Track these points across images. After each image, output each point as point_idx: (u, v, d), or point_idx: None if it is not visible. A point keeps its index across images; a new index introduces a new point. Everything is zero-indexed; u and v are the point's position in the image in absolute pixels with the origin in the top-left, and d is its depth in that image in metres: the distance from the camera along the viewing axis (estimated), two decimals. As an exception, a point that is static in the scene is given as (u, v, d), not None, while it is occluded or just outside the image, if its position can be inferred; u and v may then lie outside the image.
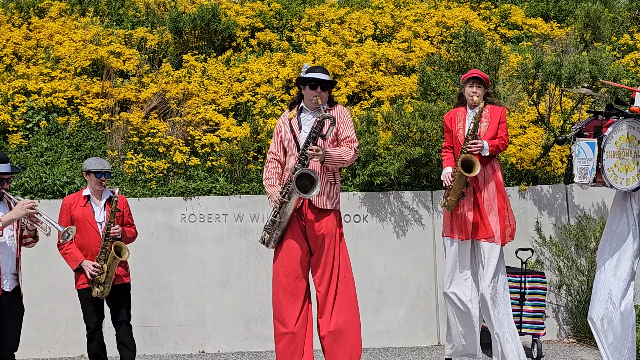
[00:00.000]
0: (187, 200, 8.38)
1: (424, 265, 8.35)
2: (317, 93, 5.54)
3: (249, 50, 10.55)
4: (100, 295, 6.14)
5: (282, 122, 5.74)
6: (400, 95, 9.50)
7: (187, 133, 9.07)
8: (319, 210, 5.58)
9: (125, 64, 9.93)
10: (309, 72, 5.61)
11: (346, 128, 5.63)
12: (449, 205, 6.21)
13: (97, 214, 6.19)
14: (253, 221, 8.34)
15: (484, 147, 6.08)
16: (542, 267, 8.37)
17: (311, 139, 5.45)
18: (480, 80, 6.21)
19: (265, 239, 5.67)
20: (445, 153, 6.41)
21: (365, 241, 8.35)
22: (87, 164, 6.22)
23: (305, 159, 5.46)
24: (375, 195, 8.45)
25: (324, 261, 5.60)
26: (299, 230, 5.62)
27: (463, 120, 6.27)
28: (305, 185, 5.39)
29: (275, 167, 5.74)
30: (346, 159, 5.54)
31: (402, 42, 10.56)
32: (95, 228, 6.14)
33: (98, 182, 6.20)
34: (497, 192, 6.20)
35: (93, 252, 6.14)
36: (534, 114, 9.15)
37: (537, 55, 8.43)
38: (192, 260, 8.29)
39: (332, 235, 5.61)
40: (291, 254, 5.59)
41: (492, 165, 6.24)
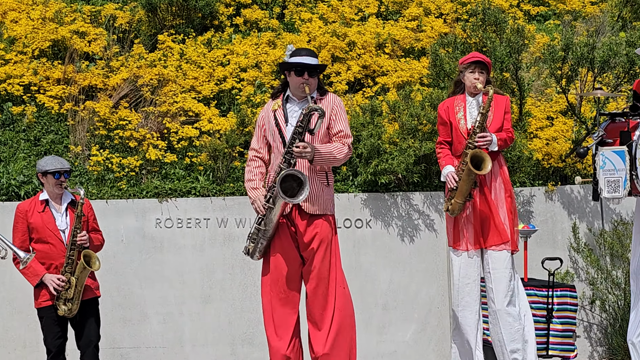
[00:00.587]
0: (163, 202, 8.33)
1: (436, 278, 8.31)
2: (304, 80, 5.48)
3: (234, 30, 10.50)
4: (68, 314, 6.07)
5: (265, 114, 5.69)
6: (409, 82, 9.48)
7: (163, 125, 9.02)
8: (311, 215, 5.57)
9: (91, 45, 9.87)
10: (293, 56, 5.55)
11: (339, 121, 5.59)
12: (453, 209, 6.17)
13: (58, 221, 6.13)
14: (239, 227, 8.29)
15: (493, 141, 6.07)
16: (572, 280, 8.34)
17: (297, 135, 5.40)
18: (483, 65, 6.20)
19: (250, 250, 5.67)
20: (441, 150, 6.37)
21: (368, 250, 8.32)
22: (43, 163, 6.17)
23: (291, 158, 5.41)
24: (380, 197, 8.40)
25: (319, 272, 5.60)
26: (289, 237, 5.60)
27: (464, 110, 6.24)
28: (291, 187, 5.34)
29: (258, 167, 5.71)
30: (338, 157, 5.50)
31: (411, 21, 10.52)
32: (58, 236, 6.09)
33: (57, 184, 6.13)
34: (505, 191, 6.22)
35: (56, 264, 6.08)
36: (562, 103, 9.13)
37: (567, 35, 8.42)
38: (169, 271, 8.23)
39: (327, 241, 5.61)
40: (281, 265, 5.59)
41: (499, 161, 6.26)
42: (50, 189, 6.15)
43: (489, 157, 5.96)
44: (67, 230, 6.09)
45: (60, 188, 6.15)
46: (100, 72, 9.44)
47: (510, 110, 6.28)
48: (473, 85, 6.15)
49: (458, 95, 6.33)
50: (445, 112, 6.29)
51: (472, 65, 6.18)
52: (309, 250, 5.59)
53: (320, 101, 5.57)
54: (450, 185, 6.14)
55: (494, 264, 6.12)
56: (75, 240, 6.02)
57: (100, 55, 9.85)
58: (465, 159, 6.02)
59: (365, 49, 9.88)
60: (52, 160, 6.17)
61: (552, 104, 9.31)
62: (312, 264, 5.60)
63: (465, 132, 6.15)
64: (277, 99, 5.67)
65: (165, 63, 9.72)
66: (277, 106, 5.61)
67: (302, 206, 5.51)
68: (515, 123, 8.74)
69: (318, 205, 5.55)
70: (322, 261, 5.59)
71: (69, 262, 6.03)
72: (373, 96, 9.35)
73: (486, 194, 6.13)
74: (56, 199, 6.19)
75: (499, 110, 6.18)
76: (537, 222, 8.36)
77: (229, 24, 10.61)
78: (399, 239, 8.36)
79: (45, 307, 6.12)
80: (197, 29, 10.46)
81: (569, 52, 8.30)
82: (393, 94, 9.19)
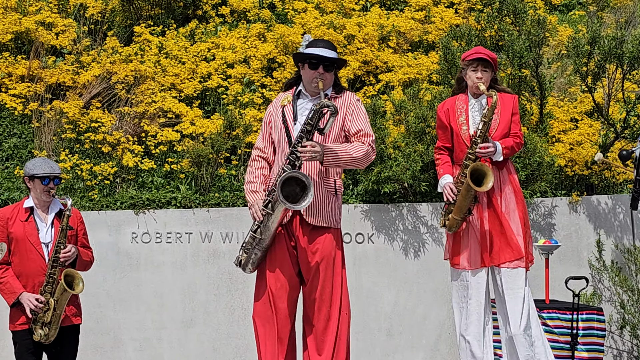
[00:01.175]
0: (140, 214, 8.37)
1: (447, 299, 8.35)
2: (318, 74, 5.49)
3: (220, 21, 10.57)
4: (45, 340, 5.99)
5: (273, 109, 5.68)
6: (416, 79, 9.53)
7: (140, 128, 9.08)
8: (313, 228, 5.52)
9: (59, 38, 9.93)
10: (309, 47, 5.55)
11: (356, 120, 5.57)
12: (450, 226, 6.11)
13: (42, 232, 6.05)
14: (225, 242, 8.34)
15: (497, 150, 6.05)
16: (599, 302, 8.39)
17: (305, 133, 5.37)
18: (487, 62, 6.13)
19: (242, 260, 5.58)
20: (440, 156, 6.29)
21: (370, 268, 8.36)
22: (31, 166, 6.10)
23: (296, 159, 5.37)
24: (383, 208, 8.46)
25: (321, 294, 5.55)
26: (287, 252, 5.54)
27: (466, 113, 6.17)
28: (294, 192, 5.31)
29: (260, 168, 5.67)
30: (356, 156, 5.44)
31: (418, 11, 10.60)
32: (40, 251, 6.00)
33: (45, 190, 6.05)
34: (516, 200, 6.17)
35: (35, 282, 6.00)
36: (588, 103, 9.18)
37: (593, 27, 8.45)
38: (146, 292, 8.28)
39: (330, 259, 5.55)
40: (276, 283, 5.56)
41: (508, 167, 6.20)
42: (37, 195, 6.07)
43: (491, 171, 5.91)
44: (51, 245, 6.01)
45: (48, 195, 6.07)
46: (69, 68, 9.49)
47: (518, 111, 6.22)
48: (475, 85, 6.11)
49: (460, 95, 6.29)
50: (445, 115, 6.25)
51: (475, 62, 6.12)
52: (309, 268, 5.54)
53: (335, 100, 5.55)
54: (447, 198, 6.12)
55: (508, 283, 6.08)
56: (57, 257, 5.92)
57: (69, 49, 9.90)
58: (464, 172, 5.98)
59: (366, 43, 9.93)
60: (41, 164, 6.10)
61: (576, 104, 9.34)
62: (313, 285, 5.56)
63: (467, 138, 6.11)
64: (288, 94, 5.67)
65: (142, 58, 9.78)
66: (286, 101, 5.61)
67: (304, 216, 5.46)
68: (536, 125, 8.80)
69: (322, 216, 5.50)
70: (324, 282, 5.55)
71: (49, 281, 5.93)
72: (376, 95, 9.39)
73: (494, 205, 6.08)
74: (43, 207, 6.12)
75: (506, 112, 6.14)
76: (559, 237, 8.41)
77: (214, 14, 10.68)
78: (404, 255, 8.41)
79: (21, 331, 6.05)
80: (178, 19, 10.52)
81: (596, 46, 8.33)
82: (398, 93, 9.23)
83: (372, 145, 5.54)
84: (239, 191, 8.59)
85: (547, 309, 7.41)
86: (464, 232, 6.16)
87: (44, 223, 6.09)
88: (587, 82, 8.54)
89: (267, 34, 10.08)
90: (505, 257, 6.07)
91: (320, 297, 5.55)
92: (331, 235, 5.56)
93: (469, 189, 5.92)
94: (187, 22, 10.50)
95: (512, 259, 6.07)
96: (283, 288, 5.54)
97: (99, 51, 9.86)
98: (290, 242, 5.55)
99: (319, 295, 5.55)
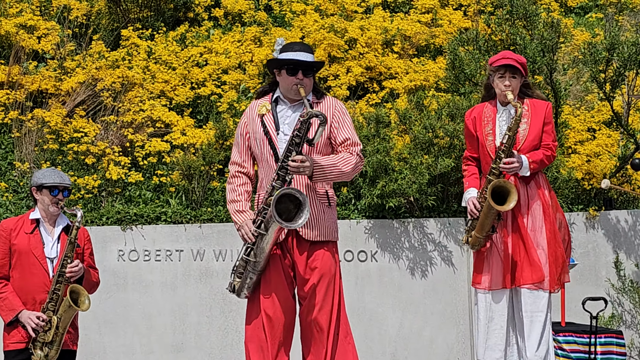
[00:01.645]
0: (127, 230, 8.39)
1: (455, 322, 8.36)
2: (298, 80, 5.47)
3: (212, 24, 10.61)
4: None
5: (249, 119, 5.65)
6: (422, 87, 9.56)
7: (126, 138, 9.10)
8: (311, 243, 5.50)
9: (41, 42, 9.96)
10: (285, 51, 5.53)
11: (342, 128, 5.55)
12: (473, 244, 6.13)
13: (48, 247, 5.99)
14: (218, 260, 8.35)
15: (523, 165, 6.04)
16: (619, 325, 8.40)
17: (294, 146, 5.35)
18: (515, 69, 6.11)
19: (236, 286, 5.55)
20: (467, 167, 6.29)
21: (373, 288, 8.37)
22: (40, 176, 6.08)
23: (287, 174, 5.36)
24: (388, 224, 8.48)
25: (319, 313, 5.51)
26: (282, 272, 5.52)
27: (493, 123, 6.14)
28: (287, 210, 5.30)
29: (242, 184, 5.65)
30: (345, 170, 5.45)
31: (425, 13, 10.65)
32: (44, 266, 5.94)
33: (54, 202, 6.00)
34: (544, 216, 6.15)
35: (36, 299, 5.92)
36: (606, 112, 9.21)
37: (611, 31, 8.47)
38: (134, 314, 8.29)
39: (329, 276, 5.52)
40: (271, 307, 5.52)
41: (537, 180, 6.16)
42: (45, 207, 6.03)
43: (515, 189, 5.88)
44: (56, 260, 5.95)
45: (57, 207, 6.02)
46: (51, 74, 9.52)
47: (552, 120, 6.15)
48: (503, 94, 6.05)
49: (489, 102, 6.25)
50: (472, 123, 6.24)
51: (502, 69, 6.08)
52: (307, 287, 5.51)
53: (317, 105, 5.53)
54: (470, 214, 6.12)
55: (527, 305, 6.07)
56: (63, 272, 5.85)
57: (52, 54, 9.93)
58: (485, 188, 5.96)
59: (369, 47, 9.97)
60: (51, 174, 6.07)
61: (593, 113, 9.37)
62: (311, 304, 5.52)
63: (492, 150, 6.07)
64: (264, 101, 5.63)
65: (130, 63, 9.81)
66: (265, 110, 5.57)
67: (299, 232, 5.44)
68: (550, 136, 8.83)
69: (318, 230, 5.48)
70: (324, 300, 5.52)
71: (53, 298, 5.86)
72: (379, 103, 9.42)
73: (519, 223, 6.05)
74: (50, 220, 6.06)
75: (537, 120, 6.08)
76: (576, 255, 8.41)
77: (206, 16, 10.72)
78: (410, 274, 8.43)
79: (14, 350, 5.96)
80: (168, 22, 10.56)
81: (614, 51, 8.36)
82: (403, 101, 9.25)
83: (360, 155, 5.54)
84: (233, 206, 8.60)
85: (563, 331, 7.42)
86: (487, 251, 6.14)
87: (50, 237, 6.02)
88: (605, 89, 8.55)
89: (263, 38, 10.12)
90: (525, 279, 6.06)
91: (319, 318, 5.53)
92: (330, 251, 5.55)
93: (490, 208, 5.89)
94: (178, 25, 10.54)
95: (532, 280, 6.02)
96: (279, 311, 5.52)
97: (83, 56, 9.89)
98: (285, 260, 5.54)
99: (318, 315, 5.52)
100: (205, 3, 10.73)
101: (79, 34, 10.37)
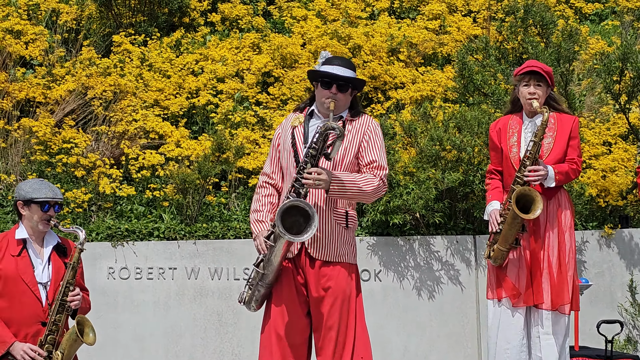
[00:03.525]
0: (118, 247, 8.39)
1: (463, 345, 8.36)
2: (331, 94, 5.60)
3: (209, 30, 10.63)
4: None
5: (282, 131, 5.79)
6: (429, 97, 9.57)
7: (119, 149, 9.10)
8: (324, 262, 5.57)
9: (29, 47, 9.98)
10: (325, 65, 5.69)
11: (372, 149, 5.65)
12: (495, 257, 6.20)
13: (38, 270, 5.58)
14: (213, 278, 8.34)
15: (549, 175, 6.12)
16: (635, 349, 8.39)
17: (309, 158, 5.44)
18: (541, 76, 6.19)
19: (246, 297, 5.64)
20: (491, 180, 6.41)
21: (377, 308, 8.37)
22: (28, 189, 5.64)
23: (301, 187, 5.44)
24: (392, 242, 8.49)
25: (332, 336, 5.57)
26: (294, 289, 5.58)
27: (518, 135, 6.25)
28: (297, 223, 5.36)
29: (267, 195, 5.76)
30: (366, 190, 5.53)
31: (432, 20, 10.67)
32: (36, 293, 5.52)
33: (44, 218, 5.58)
34: (558, 238, 6.22)
35: (28, 332, 5.50)
36: (622, 125, 9.22)
37: (627, 40, 8.48)
38: (125, 335, 8.28)
39: (344, 298, 5.57)
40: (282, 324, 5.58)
41: (558, 199, 6.26)
42: (33, 224, 5.60)
43: (540, 197, 5.95)
44: (49, 285, 5.57)
45: (47, 225, 5.60)
46: (39, 82, 9.53)
47: (578, 134, 6.22)
48: (528, 102, 6.15)
49: (514, 114, 6.33)
50: (497, 135, 6.32)
51: (527, 76, 6.18)
52: (320, 308, 5.57)
53: (351, 123, 5.66)
54: (492, 227, 6.18)
55: (546, 327, 6.13)
56: (65, 300, 5.50)
57: (40, 61, 9.95)
58: (510, 197, 6.02)
59: (374, 55, 9.99)
60: (41, 186, 5.65)
61: (609, 125, 9.38)
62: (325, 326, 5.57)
63: (516, 162, 6.15)
64: (299, 114, 5.78)
65: (122, 71, 9.83)
66: (297, 122, 5.72)
67: (308, 249, 5.52)
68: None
69: (328, 250, 5.55)
70: (339, 324, 5.57)
71: (53, 330, 5.48)
72: (384, 114, 9.43)
73: (540, 238, 6.14)
74: (38, 239, 5.66)
75: (563, 134, 6.15)
76: (590, 275, 8.43)
77: (202, 22, 10.75)
78: (415, 295, 8.43)
79: None
80: (162, 28, 10.59)
81: (628, 61, 8.37)
82: (409, 112, 9.26)
83: (384, 180, 5.61)
84: (229, 221, 8.61)
85: (577, 356, 7.41)
86: (505, 265, 6.19)
87: (39, 259, 5.62)
88: (620, 101, 8.57)
89: (262, 45, 10.14)
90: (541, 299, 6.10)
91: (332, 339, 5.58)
92: (345, 271, 5.60)
93: (514, 217, 5.96)
94: (173, 31, 10.57)
95: (549, 304, 6.10)
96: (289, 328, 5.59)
97: (73, 63, 9.92)
98: (298, 277, 5.60)
99: (330, 336, 5.58)
100: (201, 8, 10.76)
101: (69, 40, 10.39)
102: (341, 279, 5.56)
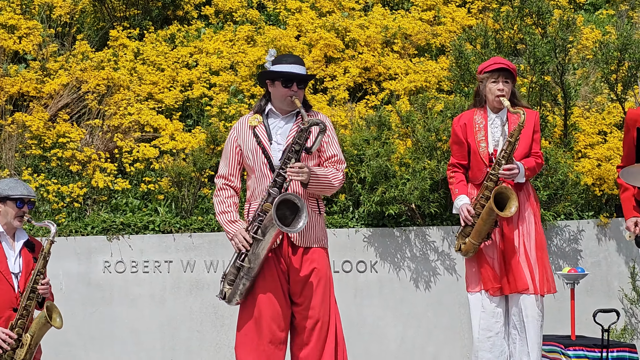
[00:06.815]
0: (113, 240, 8.39)
1: (460, 336, 8.36)
2: (292, 92, 5.86)
3: (203, 24, 10.61)
4: None
5: (239, 133, 6.00)
6: (424, 88, 9.57)
7: (113, 143, 9.10)
8: (305, 249, 5.83)
9: (22, 42, 9.96)
10: (277, 63, 5.91)
11: (332, 143, 5.96)
12: (467, 251, 6.33)
13: (10, 262, 6.11)
14: (209, 271, 8.35)
15: (520, 172, 6.22)
16: (632, 338, 8.39)
17: (292, 153, 5.70)
18: (509, 73, 6.34)
19: (227, 293, 5.83)
20: (454, 174, 6.51)
21: (373, 300, 8.37)
22: (4, 187, 6.16)
23: (284, 181, 5.69)
24: (388, 233, 8.49)
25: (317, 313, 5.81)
26: (277, 278, 5.82)
27: (485, 130, 6.37)
28: (284, 215, 5.61)
29: (230, 197, 5.99)
30: (334, 183, 5.85)
31: (426, 11, 10.65)
32: (10, 281, 6.04)
33: (18, 215, 6.13)
34: (535, 224, 6.35)
35: (2, 316, 6.02)
36: (618, 114, 9.22)
37: (623, 29, 8.47)
38: (120, 329, 8.28)
39: (326, 279, 5.86)
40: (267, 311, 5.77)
41: (527, 188, 6.40)
42: (8, 220, 6.13)
43: (515, 195, 6.11)
44: (20, 275, 6.07)
45: (21, 220, 6.15)
46: (33, 76, 9.52)
47: (540, 129, 6.43)
48: (497, 100, 6.29)
49: (478, 108, 6.45)
50: (462, 130, 6.43)
51: (495, 73, 6.32)
52: (304, 289, 5.80)
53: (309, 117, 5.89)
54: (464, 221, 6.30)
55: (527, 309, 6.27)
56: (35, 288, 5.97)
57: (33, 55, 9.94)
58: (485, 193, 6.18)
59: (368, 47, 9.98)
60: (16, 185, 6.17)
61: (604, 115, 9.38)
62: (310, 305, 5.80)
63: (486, 157, 6.29)
64: (254, 115, 5.98)
65: (116, 65, 9.82)
66: (256, 122, 5.93)
67: (292, 237, 5.77)
68: (559, 139, 8.83)
69: (311, 237, 5.84)
70: (322, 302, 5.82)
71: (23, 315, 5.97)
72: (379, 106, 9.43)
73: (512, 229, 6.28)
74: (10, 233, 6.18)
75: (527, 130, 6.29)
76: (586, 265, 8.43)
77: (196, 15, 10.73)
78: (412, 285, 8.43)
79: None
80: (156, 21, 10.58)
81: (626, 51, 8.36)
82: (405, 103, 9.26)
83: (344, 173, 5.95)
84: (225, 214, 8.61)
85: (573, 345, 7.42)
86: (480, 258, 6.34)
87: (12, 251, 6.12)
88: (616, 91, 8.57)
89: (256, 37, 10.13)
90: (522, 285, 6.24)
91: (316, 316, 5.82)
92: (324, 254, 5.91)
93: (490, 214, 6.13)
94: (166, 24, 10.55)
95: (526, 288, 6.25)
96: (278, 314, 5.79)
97: (67, 57, 9.90)
98: (280, 265, 5.83)
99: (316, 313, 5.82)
100: (195, 1, 10.74)
101: (62, 34, 10.37)
102: (322, 262, 5.87)
